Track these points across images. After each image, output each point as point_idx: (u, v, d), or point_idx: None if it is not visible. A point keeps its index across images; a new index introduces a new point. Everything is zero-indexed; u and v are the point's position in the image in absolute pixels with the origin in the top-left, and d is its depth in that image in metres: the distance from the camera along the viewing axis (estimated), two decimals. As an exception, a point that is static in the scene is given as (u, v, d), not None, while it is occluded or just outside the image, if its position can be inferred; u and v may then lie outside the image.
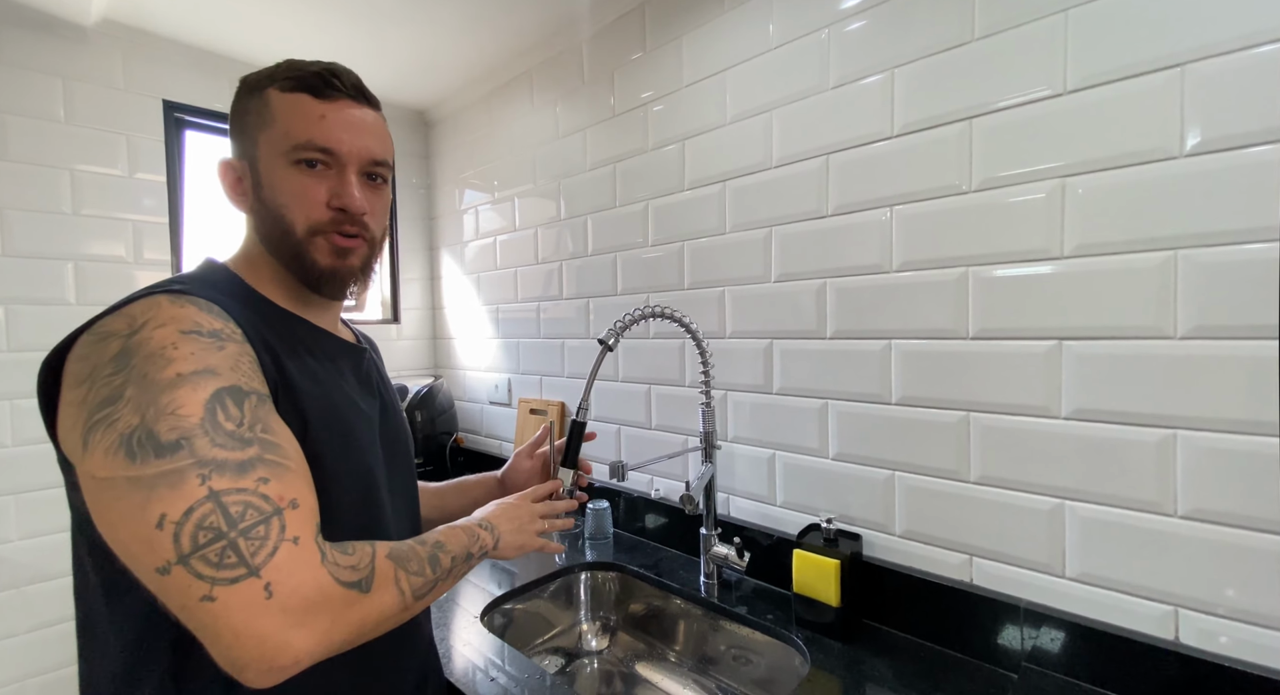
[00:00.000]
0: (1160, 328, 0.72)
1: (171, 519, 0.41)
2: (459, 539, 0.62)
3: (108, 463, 0.42)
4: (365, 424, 0.63)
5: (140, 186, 1.50)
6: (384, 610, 0.50)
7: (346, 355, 0.66)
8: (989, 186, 0.84)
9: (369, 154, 0.61)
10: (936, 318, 0.90)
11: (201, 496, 0.42)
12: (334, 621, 0.45)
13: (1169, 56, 0.70)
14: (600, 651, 1.18)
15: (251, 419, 0.47)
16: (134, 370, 0.44)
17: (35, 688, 1.36)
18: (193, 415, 0.43)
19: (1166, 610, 0.73)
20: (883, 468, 0.97)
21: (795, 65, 1.06)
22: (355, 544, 0.50)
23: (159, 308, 0.48)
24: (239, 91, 0.62)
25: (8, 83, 1.33)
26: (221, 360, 0.47)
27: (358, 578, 0.47)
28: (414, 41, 1.56)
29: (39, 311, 1.37)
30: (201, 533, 0.41)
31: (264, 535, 0.43)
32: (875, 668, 0.85)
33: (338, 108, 0.59)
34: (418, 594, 0.54)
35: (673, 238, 1.29)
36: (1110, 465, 0.76)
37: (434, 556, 0.57)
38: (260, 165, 0.59)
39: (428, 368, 2.15)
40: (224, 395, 0.46)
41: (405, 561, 0.53)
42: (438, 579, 0.57)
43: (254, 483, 0.44)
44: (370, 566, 0.49)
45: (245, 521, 0.42)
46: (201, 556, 0.41)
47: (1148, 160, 0.72)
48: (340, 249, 0.61)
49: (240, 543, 0.42)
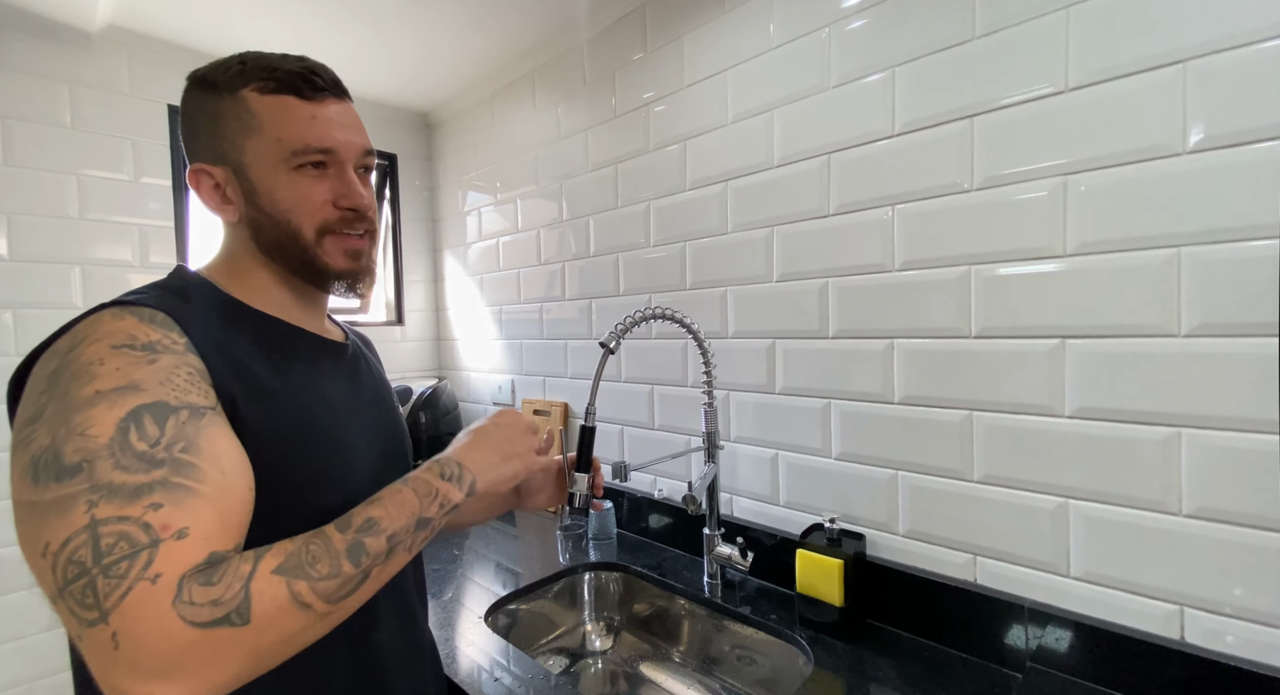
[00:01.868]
0: (1164, 326, 0.72)
1: (52, 549, 0.39)
2: (405, 506, 0.52)
3: (17, 485, 0.42)
4: (345, 423, 0.61)
5: (146, 190, 1.52)
6: (285, 635, 0.43)
7: (327, 354, 0.65)
8: (991, 184, 0.84)
9: (362, 148, 0.61)
10: (939, 317, 0.90)
11: (81, 526, 0.39)
12: (207, 664, 0.39)
13: (1171, 53, 0.70)
14: (604, 652, 1.18)
15: (172, 437, 0.43)
16: (58, 388, 0.43)
17: (45, 689, 1.37)
18: (101, 435, 0.41)
19: (1172, 609, 0.72)
20: (886, 467, 0.97)
21: (796, 64, 1.06)
22: (233, 562, 0.42)
23: (99, 323, 0.47)
24: (195, 90, 0.58)
25: (15, 89, 1.34)
26: (149, 375, 0.45)
27: (221, 613, 0.40)
28: (417, 44, 1.57)
29: (46, 315, 1.38)
30: (70, 567, 0.38)
31: (123, 573, 0.38)
32: (879, 667, 0.85)
33: (325, 107, 0.58)
34: (333, 598, 0.45)
35: (675, 238, 1.29)
36: (1114, 464, 0.76)
37: (356, 545, 0.47)
38: (251, 173, 0.57)
39: (432, 369, 2.15)
40: (142, 413, 0.43)
41: (307, 567, 0.44)
42: (365, 570, 0.47)
43: (141, 510, 0.40)
44: (243, 593, 0.41)
45: (111, 556, 0.38)
46: (70, 593, 0.38)
47: (1150, 157, 0.72)
48: (353, 251, 0.61)
49: (99, 581, 0.38)
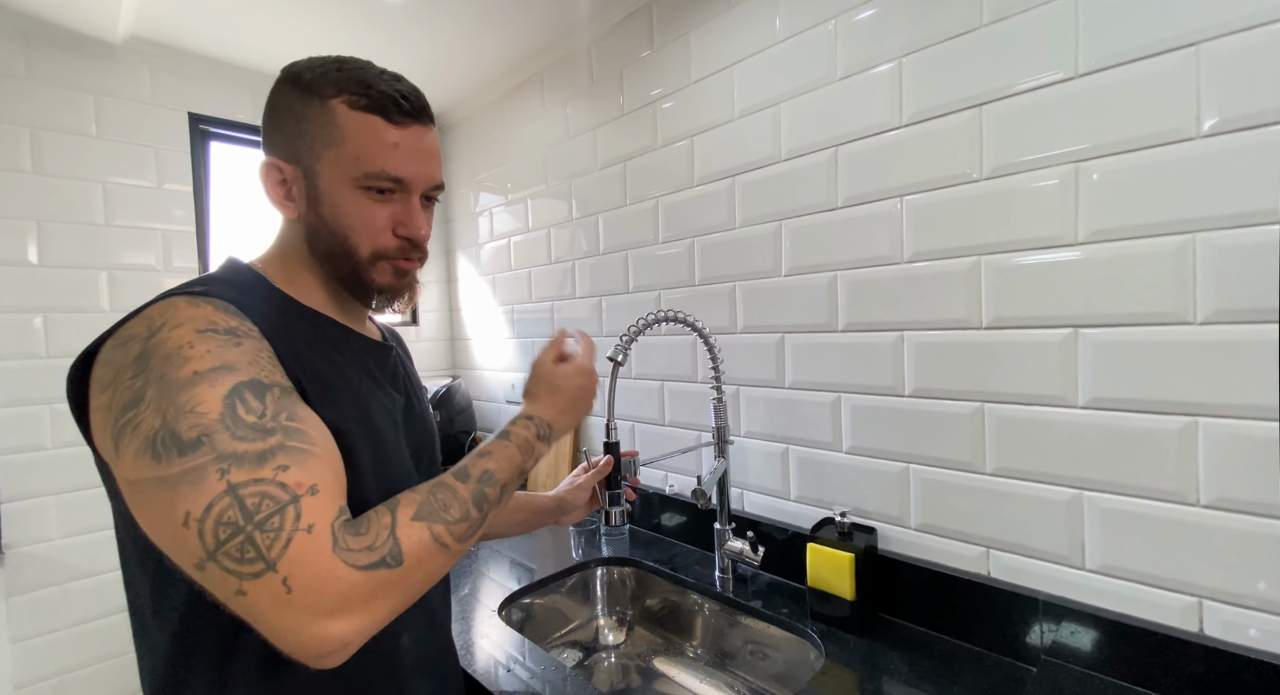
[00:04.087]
0: (1179, 313, 0.70)
1: (195, 516, 0.41)
2: (512, 460, 0.59)
3: (137, 465, 0.43)
4: (389, 422, 0.63)
5: (169, 197, 1.56)
6: (429, 572, 0.48)
7: (372, 353, 0.66)
8: (1001, 173, 0.83)
9: (433, 181, 0.61)
10: (949, 308, 0.89)
11: (220, 491, 0.42)
12: (369, 601, 0.44)
13: (1183, 36, 0.69)
14: (617, 646, 1.19)
15: (275, 409, 0.46)
16: (152, 372, 0.45)
17: (76, 682, 1.42)
18: (211, 411, 0.44)
19: (1190, 602, 0.71)
20: (897, 460, 0.96)
21: (802, 57, 1.05)
22: (371, 516, 0.47)
23: (175, 309, 0.49)
24: (286, 86, 0.58)
25: (42, 100, 1.38)
26: (239, 356, 0.47)
27: (378, 556, 0.45)
28: (428, 48, 1.59)
29: (76, 318, 1.43)
30: (222, 528, 0.41)
31: (279, 526, 0.42)
32: (891, 661, 0.85)
33: (411, 135, 0.58)
34: (464, 538, 0.52)
35: (683, 234, 1.29)
36: (1130, 454, 0.74)
37: (479, 495, 0.54)
38: (320, 181, 0.58)
39: (446, 368, 2.18)
40: (243, 389, 0.46)
41: (441, 512, 0.50)
42: (484, 514, 0.54)
43: (272, 472, 0.43)
44: (390, 539, 0.46)
45: (261, 513, 0.42)
46: (225, 552, 0.41)
47: (1164, 142, 0.71)
48: (402, 271, 0.62)
49: (256, 536, 0.41)
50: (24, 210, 1.36)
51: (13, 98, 1.35)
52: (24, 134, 1.36)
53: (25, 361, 1.37)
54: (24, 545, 1.36)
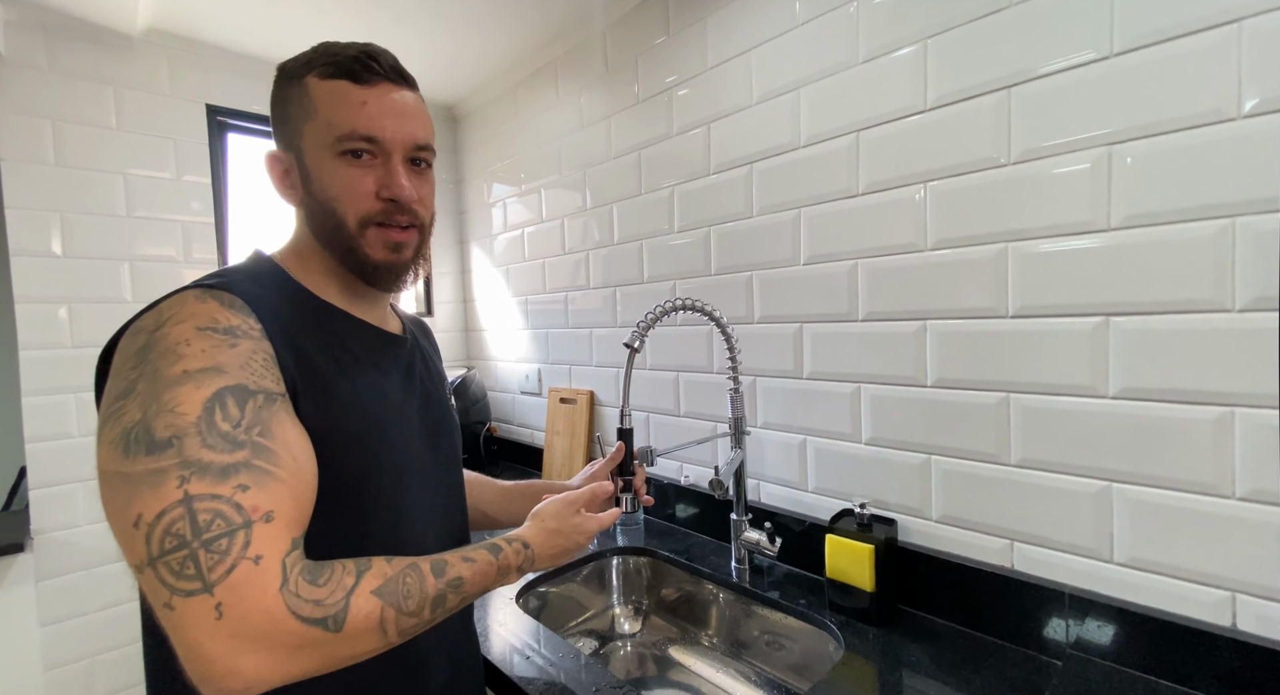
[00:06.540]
0: (1217, 300, 0.68)
1: (146, 520, 0.40)
2: (485, 577, 0.57)
3: (108, 456, 0.43)
4: (400, 418, 0.62)
5: (188, 188, 1.57)
6: (357, 652, 0.46)
7: (387, 348, 0.65)
8: (1029, 158, 0.81)
9: (413, 139, 0.60)
10: (974, 297, 0.87)
11: (175, 500, 0.41)
12: (290, 656, 0.42)
13: (1224, 12, 0.66)
14: (633, 635, 1.19)
15: (250, 420, 0.46)
16: (148, 365, 0.45)
17: (104, 664, 1.45)
18: (190, 413, 0.43)
19: (1223, 596, 0.69)
20: (919, 452, 0.95)
21: (823, 41, 1.03)
22: (336, 569, 0.46)
23: (184, 304, 0.49)
24: (277, 79, 0.61)
25: (63, 92, 1.40)
26: (231, 358, 0.47)
27: (322, 615, 0.43)
28: (442, 38, 1.58)
29: (99, 309, 1.45)
30: (169, 539, 0.40)
31: (224, 549, 0.41)
32: (911, 653, 0.84)
33: (378, 93, 0.58)
34: (405, 634, 0.49)
35: (699, 223, 1.28)
36: (1162, 445, 0.73)
37: (441, 597, 0.51)
38: (307, 158, 0.58)
39: (461, 359, 2.19)
40: (226, 395, 0.45)
41: (400, 599, 0.48)
42: (434, 618, 0.51)
43: (231, 490, 0.42)
44: (343, 604, 0.44)
45: (210, 532, 0.41)
46: (165, 563, 0.40)
47: (1202, 124, 0.68)
48: (394, 243, 0.60)
49: (200, 555, 0.40)
50: (48, 201, 1.38)
51: (36, 90, 1.36)
52: (46, 126, 1.38)
53: (51, 351, 1.39)
54: (52, 531, 1.39)
